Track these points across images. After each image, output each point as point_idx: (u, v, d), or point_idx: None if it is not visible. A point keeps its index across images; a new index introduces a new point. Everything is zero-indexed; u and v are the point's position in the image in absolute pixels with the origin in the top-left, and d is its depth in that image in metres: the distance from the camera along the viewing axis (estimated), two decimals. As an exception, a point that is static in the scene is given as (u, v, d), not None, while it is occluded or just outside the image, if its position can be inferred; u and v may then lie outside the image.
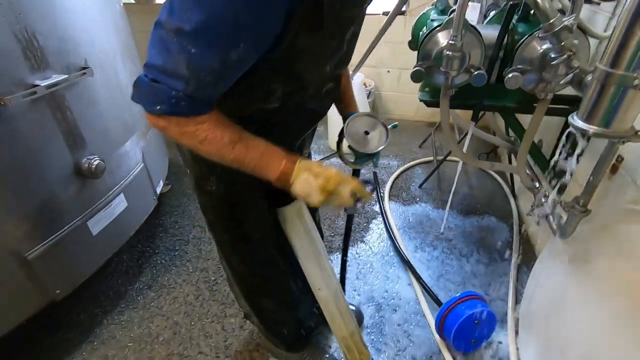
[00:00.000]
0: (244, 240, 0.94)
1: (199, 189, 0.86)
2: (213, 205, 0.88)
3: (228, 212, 0.88)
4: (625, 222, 1.00)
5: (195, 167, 0.82)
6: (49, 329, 1.42)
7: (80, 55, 1.21)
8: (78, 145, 1.22)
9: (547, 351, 1.18)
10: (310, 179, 0.70)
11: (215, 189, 0.83)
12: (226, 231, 0.93)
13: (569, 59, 0.89)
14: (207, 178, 0.82)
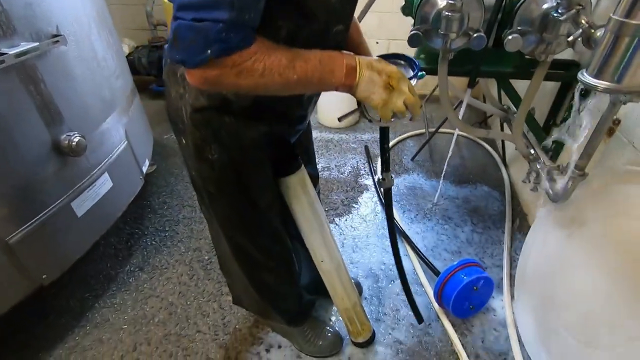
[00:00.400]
0: (250, 210, 0.89)
1: (199, 158, 0.79)
2: (215, 175, 0.81)
3: (233, 180, 0.82)
4: (622, 183, 1.01)
5: (195, 134, 0.75)
6: (39, 316, 1.37)
7: (51, 22, 1.11)
8: (55, 121, 1.14)
9: (543, 314, 1.21)
10: (374, 77, 0.66)
11: (218, 157, 0.77)
12: (230, 202, 0.87)
13: (577, 14, 0.86)
14: (209, 145, 0.76)
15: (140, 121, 1.76)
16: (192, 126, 0.75)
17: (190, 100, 0.72)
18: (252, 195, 0.87)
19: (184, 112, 0.74)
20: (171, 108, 0.79)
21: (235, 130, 0.75)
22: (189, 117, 0.73)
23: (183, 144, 0.82)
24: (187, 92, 0.72)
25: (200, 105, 0.72)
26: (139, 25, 3.03)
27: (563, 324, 1.12)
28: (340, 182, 2.02)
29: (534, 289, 1.29)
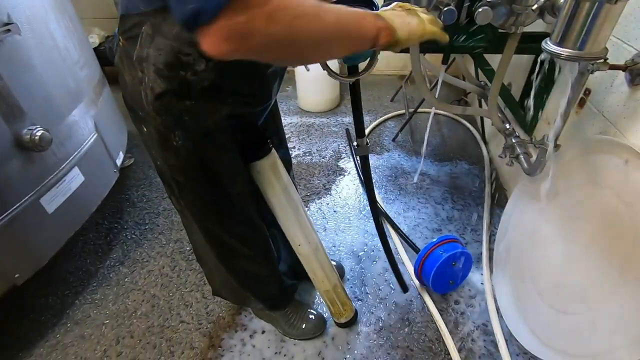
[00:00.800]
0: (221, 197, 0.87)
1: (164, 146, 0.76)
2: (181, 163, 0.79)
3: (200, 167, 0.80)
4: (593, 152, 1.02)
5: (157, 121, 0.72)
6: (17, 315, 1.35)
7: (1, 10, 1.05)
8: (15, 115, 1.09)
9: (520, 284, 1.23)
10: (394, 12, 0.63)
11: (182, 144, 0.74)
12: (199, 190, 0.85)
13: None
14: (172, 132, 0.73)
15: (111, 112, 1.70)
16: (153, 112, 0.71)
17: (150, 85, 0.68)
18: (221, 182, 0.85)
19: (144, 97, 0.70)
20: (128, 95, 0.75)
21: (197, 114, 0.72)
22: (150, 103, 0.70)
23: (145, 133, 0.78)
24: (145, 75, 0.68)
25: (160, 90, 0.68)
26: (109, 14, 2.91)
27: (537, 293, 1.14)
28: (321, 166, 2.01)
29: (511, 262, 1.31)
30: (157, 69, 0.65)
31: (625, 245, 0.87)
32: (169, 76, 0.67)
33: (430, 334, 1.23)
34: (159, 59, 0.65)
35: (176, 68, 0.65)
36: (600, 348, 0.89)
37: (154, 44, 0.64)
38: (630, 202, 0.88)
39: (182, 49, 0.64)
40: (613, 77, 1.03)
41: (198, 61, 0.65)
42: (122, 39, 0.69)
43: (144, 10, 0.63)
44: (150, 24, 0.63)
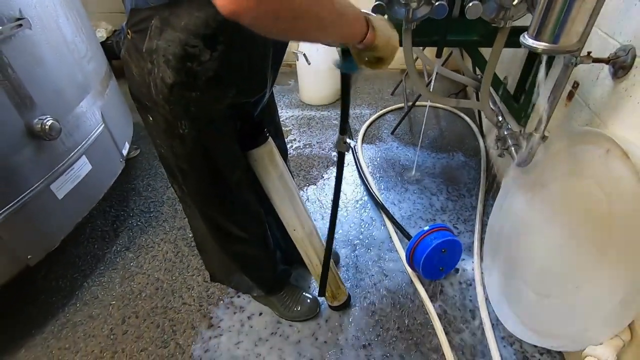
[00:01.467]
0: (222, 184, 0.92)
1: (170, 134, 0.81)
2: (187, 151, 0.84)
3: (203, 156, 0.85)
4: (578, 143, 1.05)
5: (166, 109, 0.77)
6: (29, 297, 1.43)
7: (13, 6, 1.11)
8: (27, 105, 1.16)
9: (507, 272, 1.28)
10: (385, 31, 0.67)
11: (188, 132, 0.80)
12: (202, 177, 0.90)
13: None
14: (179, 121, 0.78)
15: (118, 104, 1.77)
16: (163, 102, 0.76)
17: (160, 75, 0.72)
18: (222, 170, 0.90)
19: (154, 88, 0.75)
20: (134, 86, 0.79)
21: (203, 104, 0.77)
22: (160, 93, 0.74)
23: (150, 122, 0.83)
24: (155, 66, 0.72)
25: (170, 81, 0.72)
26: (116, 9, 2.97)
27: (523, 280, 1.19)
28: (321, 158, 2.05)
29: (500, 250, 1.36)
30: (166, 59, 0.70)
31: (602, 232, 0.91)
32: (177, 67, 0.71)
33: (420, 317, 1.28)
34: (169, 50, 0.69)
35: (184, 59, 0.70)
36: (578, 329, 0.93)
37: (162, 36, 0.68)
38: (608, 191, 0.91)
39: (189, 41, 0.68)
40: (599, 71, 1.06)
41: (203, 52, 0.70)
42: (131, 32, 0.73)
43: (153, 4, 0.68)
44: (159, 17, 0.68)
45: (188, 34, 0.67)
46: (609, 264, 0.88)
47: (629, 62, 0.93)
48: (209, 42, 0.69)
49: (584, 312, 0.92)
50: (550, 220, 1.14)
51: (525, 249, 1.23)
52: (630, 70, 0.93)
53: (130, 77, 0.79)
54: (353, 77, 0.83)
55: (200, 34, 0.67)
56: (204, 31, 0.67)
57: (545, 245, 1.14)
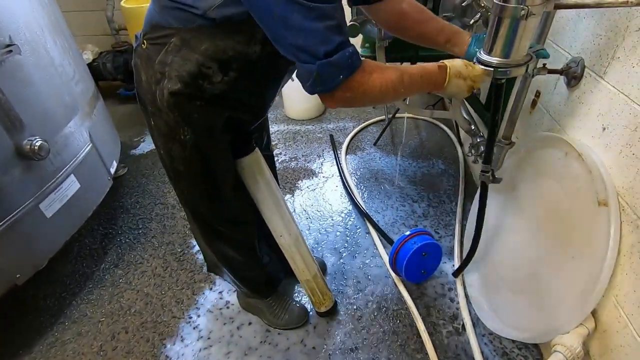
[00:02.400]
0: (214, 188, 0.97)
1: (171, 139, 0.87)
2: (185, 155, 0.89)
3: (200, 160, 0.90)
4: (541, 147, 1.13)
5: (170, 117, 0.82)
6: (16, 316, 1.43)
7: (3, 33, 1.16)
8: (16, 127, 1.19)
9: (486, 271, 1.34)
10: (460, 83, 0.83)
11: (189, 138, 0.85)
12: (196, 181, 0.95)
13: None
14: (183, 127, 0.84)
15: (105, 124, 1.81)
16: (167, 109, 0.81)
17: (168, 85, 0.78)
18: (216, 175, 0.96)
19: (159, 96, 0.81)
20: (142, 91, 0.86)
21: (204, 113, 0.83)
22: (165, 100, 0.80)
23: (153, 126, 0.89)
24: (165, 78, 0.78)
25: (177, 90, 0.78)
26: (101, 31, 3.03)
27: (500, 278, 1.25)
28: (307, 170, 2.11)
29: (478, 252, 1.42)
30: (180, 75, 0.77)
31: (564, 228, 0.98)
32: (188, 82, 0.78)
33: (404, 319, 1.32)
34: (184, 67, 0.76)
35: (197, 77, 0.77)
36: (547, 320, 0.99)
37: (180, 53, 0.76)
38: (568, 189, 0.99)
39: (205, 63, 0.76)
40: (556, 80, 1.16)
41: (216, 74, 0.78)
42: (147, 42, 0.80)
43: (176, 26, 0.75)
44: (181, 37, 0.75)
45: (206, 57, 0.75)
46: (571, 258, 0.95)
47: (579, 72, 1.02)
48: (224, 67, 0.77)
49: (552, 304, 0.99)
50: (520, 220, 1.22)
51: (500, 249, 1.30)
52: (581, 79, 1.02)
53: (138, 82, 0.86)
54: None
55: (217, 59, 0.76)
56: (221, 56, 0.76)
57: (517, 244, 1.21)
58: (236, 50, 0.76)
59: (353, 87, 0.71)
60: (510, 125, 1.19)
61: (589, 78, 0.99)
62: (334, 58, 0.66)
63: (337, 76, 0.68)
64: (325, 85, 0.69)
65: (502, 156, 1.26)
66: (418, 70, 0.80)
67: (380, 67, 0.74)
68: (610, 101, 0.90)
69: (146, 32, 0.80)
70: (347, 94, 0.71)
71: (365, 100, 0.76)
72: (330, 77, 0.68)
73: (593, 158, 0.92)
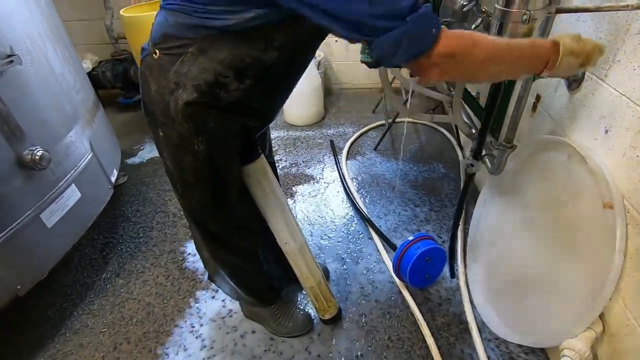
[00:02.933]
0: (222, 197, 0.96)
1: (184, 150, 0.85)
2: (196, 165, 0.88)
3: (210, 170, 0.89)
4: (542, 151, 1.13)
5: (184, 127, 0.81)
6: (17, 328, 1.41)
7: (4, 44, 1.16)
8: (17, 137, 1.19)
9: (490, 275, 1.33)
10: (572, 61, 0.72)
11: (203, 148, 0.84)
12: (205, 190, 0.94)
13: (478, 4, 0.97)
14: (196, 137, 0.83)
15: (106, 133, 1.80)
16: (182, 119, 0.80)
17: (184, 96, 0.77)
18: (225, 184, 0.95)
19: (173, 106, 0.79)
20: (150, 101, 0.83)
21: (221, 122, 0.83)
22: (180, 111, 0.78)
23: (161, 136, 0.87)
24: (179, 87, 0.77)
25: (193, 100, 0.77)
26: (100, 40, 3.04)
27: (504, 282, 1.24)
28: (307, 176, 2.11)
29: (481, 256, 1.41)
30: (197, 84, 0.76)
31: (569, 231, 0.98)
32: (205, 92, 0.77)
33: (409, 325, 1.31)
34: (201, 76, 0.75)
35: (214, 86, 0.76)
36: (554, 324, 0.99)
37: (197, 63, 0.75)
38: (572, 192, 0.99)
39: (223, 72, 0.75)
40: (557, 84, 1.16)
41: (232, 82, 0.77)
42: (160, 52, 0.78)
43: (191, 36, 0.74)
44: (197, 47, 0.74)
45: (223, 65, 0.74)
46: (577, 261, 0.95)
47: (580, 75, 1.03)
48: (240, 74, 0.76)
49: (558, 309, 0.98)
50: (524, 223, 1.21)
51: (504, 252, 1.30)
52: (582, 83, 1.03)
53: (146, 92, 0.84)
54: None
55: (234, 67, 0.75)
56: (239, 65, 0.75)
57: (521, 247, 1.20)
58: (253, 57, 0.75)
59: (452, 46, 0.61)
60: (512, 129, 1.19)
61: (590, 81, 0.99)
62: (421, 10, 0.58)
63: (430, 30, 0.59)
64: (421, 43, 0.60)
65: (504, 159, 1.26)
66: (528, 43, 0.70)
67: (479, 34, 0.65)
68: (612, 104, 0.90)
69: (158, 42, 0.78)
70: (447, 57, 0.61)
71: (468, 67, 0.65)
72: (423, 32, 0.60)
73: (596, 161, 0.92)
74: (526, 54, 0.69)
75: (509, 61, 0.68)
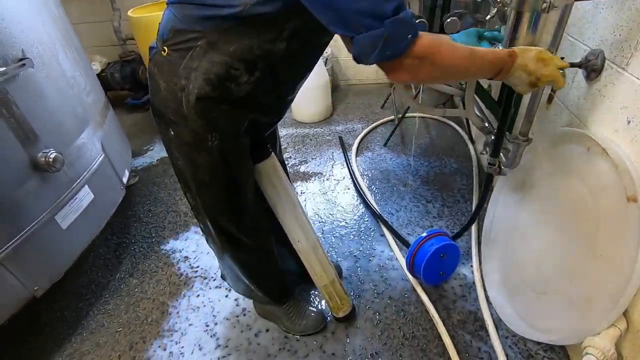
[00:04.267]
0: (236, 195, 0.96)
1: (198, 147, 0.84)
2: (212, 163, 0.87)
3: (224, 168, 0.89)
4: (560, 143, 1.10)
5: (198, 123, 0.80)
6: (35, 329, 1.43)
7: (16, 47, 1.17)
8: (31, 140, 1.20)
9: (506, 273, 1.31)
10: (523, 76, 0.77)
11: (217, 144, 0.84)
12: (220, 189, 0.93)
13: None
14: (210, 133, 0.82)
15: (116, 134, 1.82)
16: (195, 115, 0.79)
17: (195, 91, 0.76)
18: (239, 182, 0.94)
19: (184, 103, 0.78)
20: (160, 101, 0.82)
21: (232, 117, 0.82)
22: (192, 107, 0.78)
23: (172, 136, 0.86)
24: (190, 82, 0.76)
25: (205, 94, 0.77)
26: (108, 42, 3.06)
27: (521, 279, 1.22)
28: (317, 174, 2.10)
29: (497, 251, 1.39)
30: (207, 78, 0.75)
31: (589, 227, 0.95)
32: (216, 85, 0.76)
33: (424, 323, 1.30)
34: (212, 70, 0.75)
35: (225, 79, 0.76)
36: (575, 321, 0.96)
37: (207, 57, 0.74)
38: (592, 186, 0.96)
39: (234, 64, 0.75)
40: (574, 74, 1.13)
41: (243, 75, 0.77)
42: (168, 49, 0.77)
43: (200, 29, 0.73)
44: (207, 40, 0.73)
45: (233, 58, 0.74)
46: (599, 255, 0.92)
47: (599, 65, 0.99)
48: (250, 66, 0.76)
49: (579, 305, 0.95)
50: (541, 218, 1.19)
51: (520, 248, 1.27)
52: (602, 72, 0.99)
53: (155, 91, 0.83)
54: None
55: (244, 59, 0.75)
56: (248, 56, 0.74)
57: (538, 243, 1.18)
58: (263, 48, 0.74)
59: (421, 52, 0.65)
60: (528, 122, 1.16)
61: (610, 70, 0.96)
62: (401, 15, 0.61)
63: (406, 35, 0.62)
64: (395, 46, 0.63)
65: (520, 153, 1.23)
66: (489, 53, 0.75)
67: (449, 41, 0.70)
68: (635, 93, 0.87)
69: (166, 38, 0.78)
70: (416, 61, 0.65)
71: (434, 71, 0.69)
72: (399, 37, 0.62)
73: (618, 153, 0.89)
74: (487, 64, 0.75)
75: (472, 70, 0.75)
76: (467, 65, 0.72)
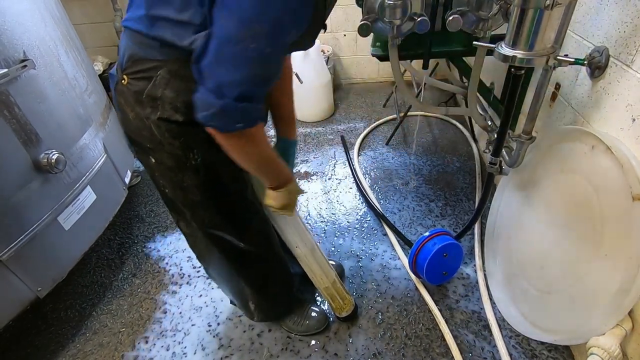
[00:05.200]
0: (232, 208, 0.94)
1: (182, 169, 0.82)
2: (201, 181, 0.85)
3: (214, 182, 0.87)
4: (564, 141, 1.09)
5: (175, 145, 0.78)
6: (38, 329, 1.44)
7: (17, 48, 1.17)
8: (33, 141, 1.20)
9: (510, 270, 1.30)
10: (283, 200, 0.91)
11: (201, 161, 0.82)
12: (214, 205, 0.91)
13: (495, -9, 0.94)
14: (190, 151, 0.80)
15: (118, 134, 1.81)
16: (170, 138, 0.77)
17: (165, 117, 0.74)
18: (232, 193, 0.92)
19: (156, 129, 0.76)
20: (132, 130, 0.80)
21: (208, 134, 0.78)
22: (164, 132, 0.76)
23: (152, 163, 0.84)
24: (157, 110, 0.74)
25: (174, 120, 0.75)
26: (110, 42, 3.07)
27: (524, 278, 1.21)
28: (318, 173, 2.10)
29: (500, 250, 1.38)
30: (174, 106, 0.73)
31: (594, 224, 0.95)
32: (185, 112, 0.74)
33: (427, 322, 1.29)
34: (178, 99, 0.73)
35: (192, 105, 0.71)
36: (580, 321, 0.95)
37: (170, 85, 0.72)
38: (597, 185, 0.95)
39: None
40: (578, 72, 1.12)
41: None
42: (128, 78, 0.75)
43: (160, 58, 0.71)
44: (168, 69, 0.72)
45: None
46: (604, 255, 0.91)
47: (603, 62, 0.98)
48: None
49: (584, 305, 0.95)
50: (544, 216, 1.18)
51: (524, 247, 1.26)
52: (606, 69, 0.98)
53: (126, 122, 0.81)
54: None
55: None
56: None
57: (542, 242, 1.17)
58: None
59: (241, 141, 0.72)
60: (531, 120, 1.15)
61: (615, 67, 0.95)
62: (245, 105, 0.65)
63: (237, 123, 0.67)
64: (221, 126, 0.68)
65: (523, 152, 1.22)
66: (281, 167, 0.88)
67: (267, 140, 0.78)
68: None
69: (125, 67, 0.75)
70: (233, 142, 0.72)
71: (242, 156, 0.77)
72: (231, 121, 0.67)
73: (623, 151, 0.88)
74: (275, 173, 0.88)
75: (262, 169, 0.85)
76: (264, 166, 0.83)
